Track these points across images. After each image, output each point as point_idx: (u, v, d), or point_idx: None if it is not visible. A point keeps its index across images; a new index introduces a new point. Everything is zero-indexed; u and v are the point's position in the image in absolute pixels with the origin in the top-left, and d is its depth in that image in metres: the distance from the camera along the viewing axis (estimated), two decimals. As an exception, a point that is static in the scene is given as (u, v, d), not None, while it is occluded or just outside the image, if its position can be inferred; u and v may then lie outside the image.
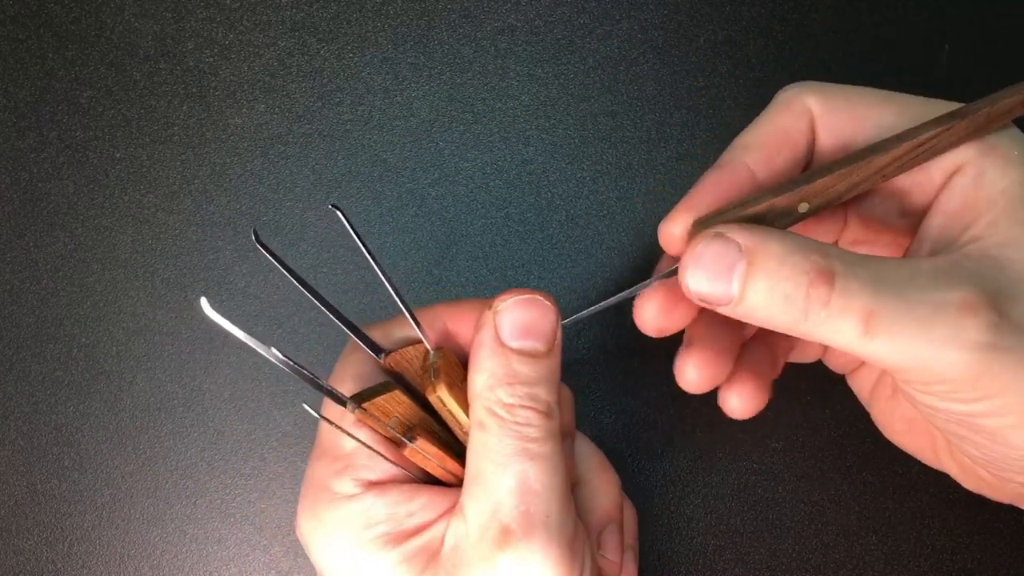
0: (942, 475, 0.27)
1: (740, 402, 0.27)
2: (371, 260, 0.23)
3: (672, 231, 0.25)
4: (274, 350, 0.21)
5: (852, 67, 0.34)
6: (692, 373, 0.27)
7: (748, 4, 0.35)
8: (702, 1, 0.35)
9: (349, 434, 0.23)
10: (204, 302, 0.21)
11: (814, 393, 0.33)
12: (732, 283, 0.22)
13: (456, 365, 0.24)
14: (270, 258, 0.22)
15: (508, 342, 0.23)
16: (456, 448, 0.24)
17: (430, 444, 0.24)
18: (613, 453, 0.32)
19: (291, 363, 0.22)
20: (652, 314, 0.26)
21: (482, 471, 0.23)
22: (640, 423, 0.32)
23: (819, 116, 0.25)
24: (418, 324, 0.24)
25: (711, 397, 0.32)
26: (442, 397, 0.23)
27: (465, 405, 0.24)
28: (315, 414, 0.22)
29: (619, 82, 0.34)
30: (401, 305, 0.23)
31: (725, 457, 0.32)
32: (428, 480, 0.25)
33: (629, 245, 0.33)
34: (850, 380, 0.30)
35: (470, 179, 0.33)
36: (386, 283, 0.23)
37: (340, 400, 0.23)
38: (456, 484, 0.25)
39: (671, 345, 0.33)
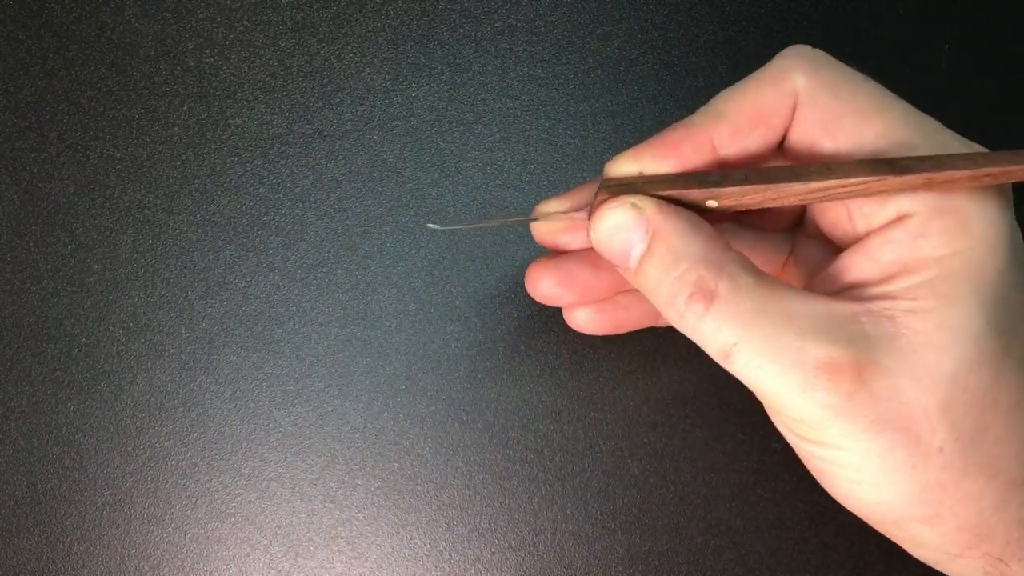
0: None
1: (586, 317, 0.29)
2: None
3: (616, 175, 0.25)
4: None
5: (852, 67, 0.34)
6: (547, 286, 0.28)
7: (748, 4, 0.35)
8: (702, 1, 0.35)
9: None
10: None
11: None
12: (630, 259, 0.23)
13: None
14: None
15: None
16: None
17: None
18: (611, 452, 0.32)
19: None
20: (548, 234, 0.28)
21: None
22: (640, 423, 0.32)
23: (801, 104, 0.24)
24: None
25: (712, 398, 0.32)
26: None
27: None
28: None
29: (619, 82, 0.34)
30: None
31: (725, 457, 0.32)
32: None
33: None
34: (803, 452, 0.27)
35: (470, 179, 0.33)
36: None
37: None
38: None
39: (673, 345, 0.33)
